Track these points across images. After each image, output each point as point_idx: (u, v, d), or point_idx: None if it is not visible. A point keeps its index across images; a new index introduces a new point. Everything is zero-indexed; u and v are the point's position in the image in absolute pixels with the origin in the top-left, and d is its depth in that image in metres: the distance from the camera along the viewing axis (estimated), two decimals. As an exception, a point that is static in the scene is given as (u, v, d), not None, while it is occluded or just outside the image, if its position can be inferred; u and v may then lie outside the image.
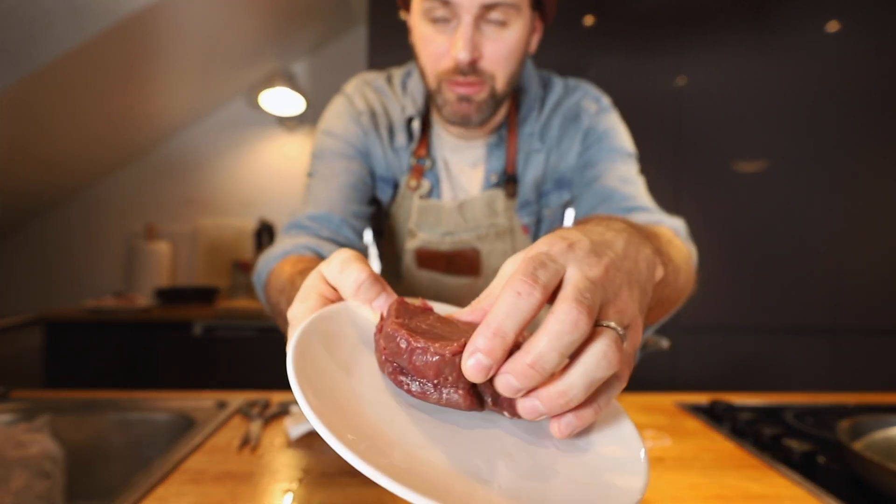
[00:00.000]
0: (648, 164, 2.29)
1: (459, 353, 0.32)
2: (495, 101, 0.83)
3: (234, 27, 2.51)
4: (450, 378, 0.32)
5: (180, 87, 2.72)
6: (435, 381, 0.33)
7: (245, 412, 1.00)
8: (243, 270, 2.90)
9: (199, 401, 1.07)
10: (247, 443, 0.87)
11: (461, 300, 1.07)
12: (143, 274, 2.82)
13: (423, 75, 0.86)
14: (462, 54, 0.75)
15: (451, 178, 0.95)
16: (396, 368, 0.35)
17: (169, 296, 2.65)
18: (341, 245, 0.82)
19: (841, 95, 2.27)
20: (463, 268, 0.95)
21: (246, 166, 3.09)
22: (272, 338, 2.36)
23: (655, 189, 0.96)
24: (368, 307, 0.40)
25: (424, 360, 0.33)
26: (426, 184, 0.93)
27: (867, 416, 0.87)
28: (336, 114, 0.94)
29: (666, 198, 2.29)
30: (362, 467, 0.27)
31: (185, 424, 0.99)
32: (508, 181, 0.93)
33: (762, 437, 0.90)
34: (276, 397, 1.09)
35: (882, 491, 0.72)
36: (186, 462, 0.79)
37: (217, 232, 3.02)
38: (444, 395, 0.33)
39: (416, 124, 0.93)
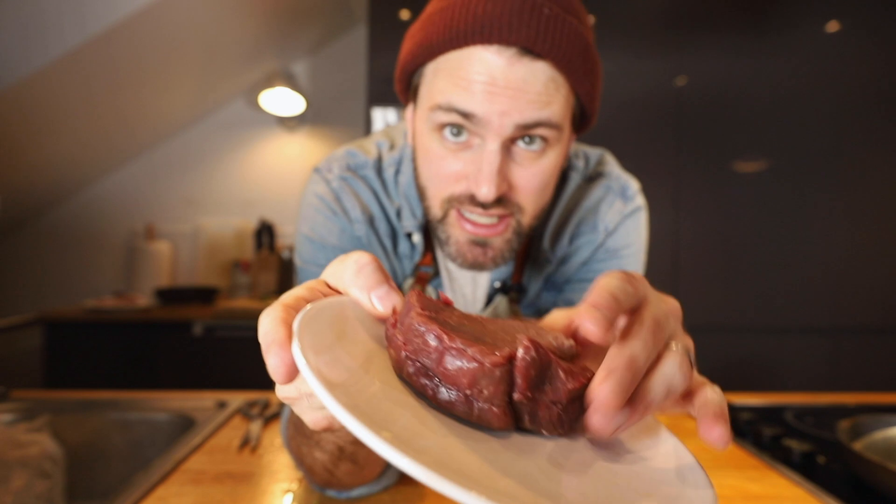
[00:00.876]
0: (649, 165, 2.30)
1: (502, 364, 0.27)
2: (520, 238, 0.65)
3: (234, 27, 2.51)
4: (485, 392, 0.27)
5: (180, 86, 2.72)
6: (467, 392, 0.28)
7: (245, 412, 1.00)
8: (243, 270, 2.90)
9: (199, 401, 1.07)
10: (247, 443, 0.87)
11: None
12: (144, 274, 2.82)
13: (421, 194, 0.68)
14: (485, 190, 0.58)
15: (453, 282, 0.80)
16: (420, 369, 0.29)
17: (169, 296, 2.65)
18: None
19: (841, 95, 2.27)
20: None
21: (246, 166, 3.09)
22: (272, 338, 2.36)
23: (656, 189, 0.96)
24: (368, 299, 0.33)
25: (459, 365, 0.27)
26: (430, 291, 0.80)
27: (867, 416, 0.87)
28: (325, 219, 0.74)
29: (666, 198, 2.30)
30: (406, 463, 0.22)
31: (185, 424, 0.99)
32: (513, 289, 0.78)
33: (762, 437, 0.90)
34: (276, 397, 1.09)
35: (882, 491, 0.72)
36: (186, 462, 0.79)
37: (217, 232, 3.02)
38: (476, 409, 0.28)
39: (416, 239, 0.75)
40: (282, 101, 2.87)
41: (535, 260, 0.78)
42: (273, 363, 0.27)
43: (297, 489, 0.72)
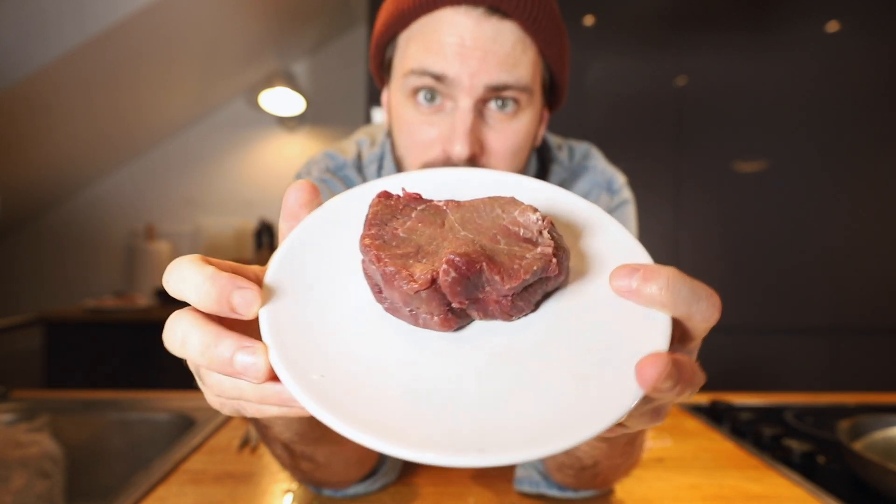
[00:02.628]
0: (648, 165, 2.30)
1: (425, 288, 0.29)
2: None
3: (234, 27, 2.51)
4: (422, 307, 0.30)
5: (180, 86, 2.72)
6: (409, 308, 0.31)
7: (245, 412, 1.00)
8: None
9: (199, 401, 1.06)
10: (247, 443, 0.87)
11: None
12: (144, 274, 2.82)
13: (398, 165, 0.69)
14: (459, 148, 0.58)
15: None
16: (374, 286, 0.32)
17: (169, 296, 2.64)
18: None
19: (841, 95, 2.27)
20: None
21: (246, 166, 3.09)
22: (272, 338, 2.36)
23: (655, 189, 0.96)
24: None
25: (395, 284, 0.30)
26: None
27: (867, 416, 0.87)
28: None
29: (666, 198, 2.30)
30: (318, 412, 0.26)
31: (185, 424, 0.99)
32: None
33: (762, 437, 0.91)
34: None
35: (882, 491, 0.72)
36: (186, 462, 0.79)
37: (217, 232, 3.02)
38: (421, 321, 0.31)
39: None
40: (282, 101, 2.87)
41: None
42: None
43: (297, 489, 0.72)
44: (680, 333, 0.31)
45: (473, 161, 0.61)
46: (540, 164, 0.79)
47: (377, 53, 0.67)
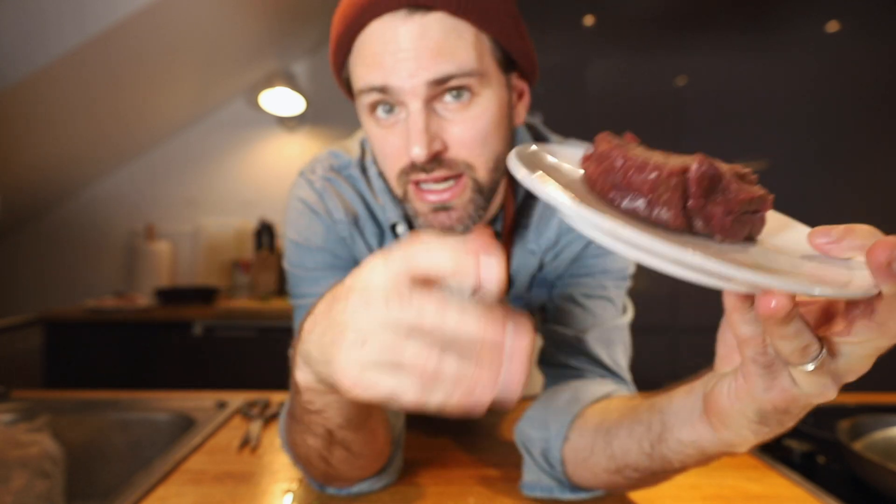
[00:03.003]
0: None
1: (677, 173, 0.33)
2: (483, 196, 0.64)
3: (234, 27, 2.51)
4: (663, 196, 0.33)
5: (181, 86, 2.72)
6: (648, 197, 0.33)
7: (245, 412, 1.00)
8: (243, 270, 2.90)
9: (199, 401, 1.07)
10: (247, 443, 0.87)
11: None
12: (144, 274, 2.82)
13: (385, 181, 0.71)
14: (416, 150, 0.58)
15: None
16: (608, 185, 0.35)
17: (169, 296, 2.65)
18: None
19: (841, 95, 2.27)
20: None
21: (246, 166, 3.09)
22: (272, 338, 2.36)
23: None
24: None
25: (641, 177, 0.33)
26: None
27: (867, 416, 0.87)
28: (308, 221, 0.75)
29: (666, 198, 2.30)
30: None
31: (185, 424, 0.99)
32: None
33: (762, 437, 0.90)
34: (276, 397, 1.09)
35: (882, 491, 0.72)
36: (186, 462, 0.79)
37: (217, 232, 3.02)
38: (655, 212, 0.33)
39: (401, 229, 0.75)
40: (282, 101, 2.87)
41: (522, 250, 0.77)
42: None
43: (297, 489, 0.72)
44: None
45: (439, 158, 0.61)
46: None
47: (340, 80, 0.68)
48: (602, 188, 0.35)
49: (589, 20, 2.30)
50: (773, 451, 0.86)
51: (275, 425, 0.95)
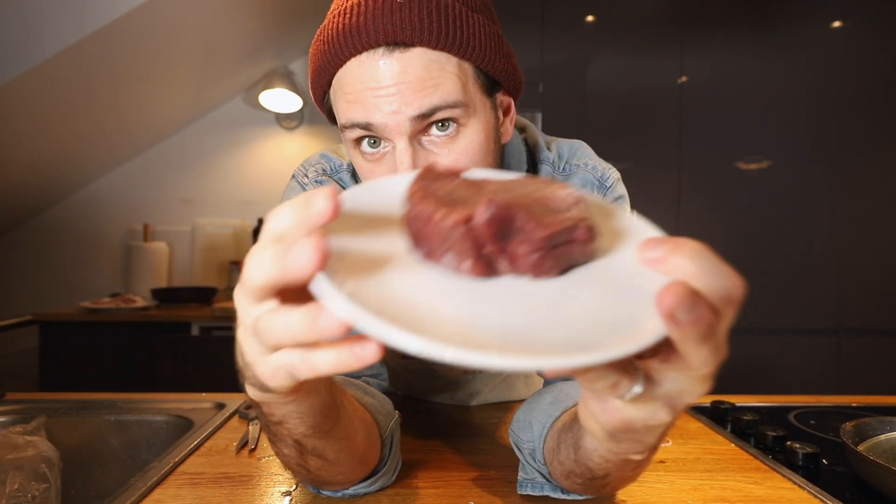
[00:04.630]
0: (651, 163, 2.30)
1: (462, 222, 0.31)
2: None
3: (232, 26, 2.51)
4: (456, 247, 0.32)
5: (179, 85, 2.71)
6: (443, 249, 0.33)
7: (243, 414, 0.99)
8: (241, 270, 2.89)
9: (197, 402, 1.06)
10: (245, 445, 0.86)
11: (454, 391, 1.05)
12: (141, 274, 2.81)
13: None
14: None
15: None
16: (413, 232, 0.34)
17: (166, 296, 2.64)
18: None
19: (843, 93, 2.27)
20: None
21: (244, 166, 3.08)
22: (270, 338, 2.35)
23: (657, 187, 0.95)
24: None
25: (431, 229, 0.32)
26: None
27: (871, 417, 0.86)
28: None
29: (668, 197, 2.29)
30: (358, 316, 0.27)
31: (183, 426, 0.98)
32: None
33: (765, 438, 0.90)
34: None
35: (886, 494, 0.71)
36: (184, 464, 0.79)
37: (215, 232, 3.01)
38: (454, 264, 0.33)
39: None
40: (280, 100, 2.86)
41: None
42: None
43: (296, 491, 0.71)
44: None
45: None
46: (529, 164, 0.78)
47: (322, 107, 0.67)
48: (409, 234, 0.34)
49: (590, 19, 2.30)
50: (777, 453, 0.86)
51: (273, 427, 0.94)
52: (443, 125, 0.59)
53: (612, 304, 0.31)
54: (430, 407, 1.03)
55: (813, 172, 2.28)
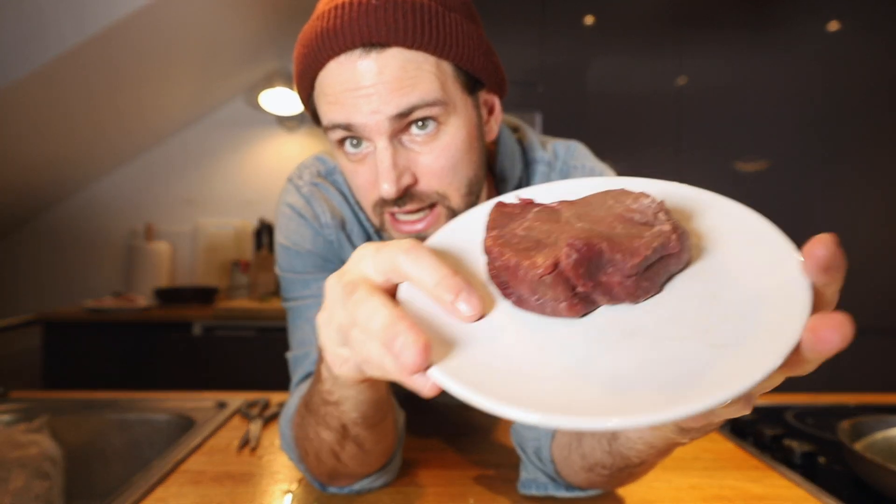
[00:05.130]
0: (649, 164, 2.30)
1: (548, 273, 0.31)
2: None
3: (233, 27, 2.51)
4: (548, 294, 0.32)
5: (180, 86, 2.72)
6: (536, 297, 0.32)
7: (244, 412, 1.00)
8: (243, 270, 2.90)
9: (199, 401, 1.06)
10: (246, 443, 0.87)
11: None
12: (143, 274, 2.82)
13: (361, 208, 0.73)
14: (385, 187, 0.59)
15: None
16: (502, 283, 0.34)
17: (168, 296, 2.65)
18: None
19: (842, 94, 2.27)
20: None
21: (245, 166, 3.09)
22: (272, 338, 2.36)
23: (656, 189, 0.96)
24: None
25: (520, 279, 0.32)
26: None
27: (868, 416, 0.86)
28: (297, 226, 0.76)
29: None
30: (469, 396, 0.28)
31: (185, 425, 0.98)
32: None
33: (763, 437, 0.90)
34: (276, 397, 1.08)
35: (883, 492, 0.72)
36: (186, 463, 0.79)
37: (216, 232, 3.02)
38: (549, 308, 0.32)
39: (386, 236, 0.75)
40: (281, 100, 2.87)
41: None
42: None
43: (297, 490, 0.71)
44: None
45: (413, 195, 0.61)
46: (524, 165, 0.78)
47: (308, 110, 0.68)
48: (498, 284, 0.34)
49: (589, 20, 2.30)
50: (774, 452, 0.86)
51: (275, 426, 0.95)
52: (422, 124, 0.59)
53: (721, 314, 0.30)
54: (431, 405, 1.04)
55: (811, 173, 2.29)
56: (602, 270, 0.31)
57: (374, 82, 0.57)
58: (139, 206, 3.01)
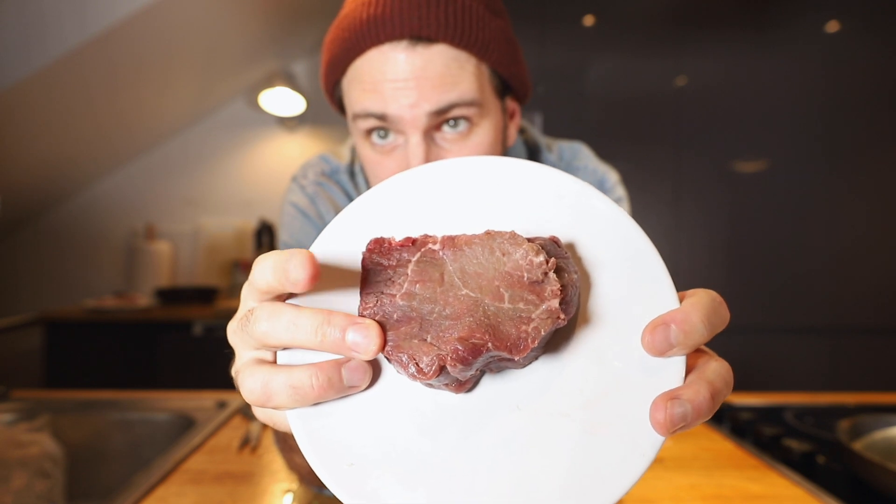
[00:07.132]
0: (648, 164, 2.30)
1: (438, 374, 0.29)
2: None
3: (234, 27, 2.51)
4: (435, 384, 0.31)
5: (181, 86, 2.72)
6: (416, 379, 0.31)
7: (245, 412, 1.00)
8: (243, 270, 2.90)
9: (200, 401, 1.07)
10: (247, 443, 0.87)
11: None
12: (144, 274, 2.82)
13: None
14: None
15: None
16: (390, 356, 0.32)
17: (169, 296, 2.65)
18: None
19: (841, 94, 2.27)
20: None
21: (246, 166, 3.09)
22: (272, 338, 2.36)
23: (655, 189, 0.96)
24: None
25: (399, 364, 0.30)
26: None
27: (867, 416, 0.87)
28: (301, 224, 0.77)
29: (665, 198, 2.30)
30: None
31: (186, 424, 0.99)
32: None
33: (762, 436, 0.91)
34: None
35: (882, 491, 0.72)
36: (186, 462, 0.79)
37: (217, 232, 3.02)
38: (437, 387, 0.32)
39: None
40: (282, 101, 2.87)
41: None
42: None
43: (297, 489, 0.72)
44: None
45: None
46: None
47: (331, 97, 0.68)
48: (385, 353, 0.32)
49: (589, 20, 2.30)
50: (773, 451, 0.86)
51: (275, 425, 0.95)
52: (455, 123, 0.59)
53: (603, 386, 0.31)
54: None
55: (810, 173, 2.28)
56: (490, 360, 0.30)
57: (417, 76, 0.56)
58: (140, 206, 3.02)
